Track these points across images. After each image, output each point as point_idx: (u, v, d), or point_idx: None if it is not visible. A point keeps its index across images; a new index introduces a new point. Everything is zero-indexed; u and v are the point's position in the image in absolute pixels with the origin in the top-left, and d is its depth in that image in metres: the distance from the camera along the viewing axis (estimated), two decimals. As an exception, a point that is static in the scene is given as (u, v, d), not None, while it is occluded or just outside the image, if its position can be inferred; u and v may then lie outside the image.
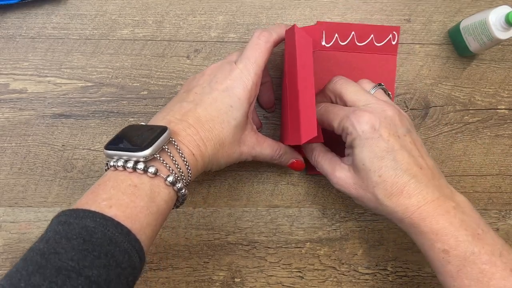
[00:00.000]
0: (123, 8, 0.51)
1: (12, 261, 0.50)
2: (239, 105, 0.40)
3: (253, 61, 0.41)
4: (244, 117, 0.41)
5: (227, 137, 0.40)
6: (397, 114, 0.40)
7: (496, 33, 0.45)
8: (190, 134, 0.38)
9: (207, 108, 0.40)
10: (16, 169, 0.50)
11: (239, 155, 0.42)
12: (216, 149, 0.40)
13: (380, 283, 0.52)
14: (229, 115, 0.40)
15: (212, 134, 0.39)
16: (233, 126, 0.40)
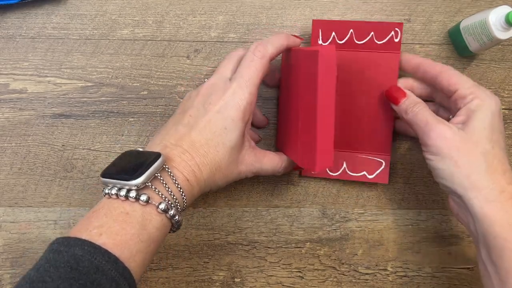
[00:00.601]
0: (123, 8, 0.51)
1: (12, 261, 0.50)
2: (233, 126, 0.40)
3: (247, 79, 0.40)
4: (239, 138, 0.41)
5: (223, 159, 0.40)
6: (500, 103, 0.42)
7: (496, 33, 0.45)
8: (185, 160, 0.38)
9: (201, 132, 0.39)
10: (16, 169, 0.50)
11: (237, 175, 0.42)
12: (212, 173, 0.40)
13: (380, 283, 0.52)
14: (224, 137, 0.40)
15: (207, 159, 0.39)
16: (228, 148, 0.40)
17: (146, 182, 0.35)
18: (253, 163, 0.43)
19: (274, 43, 0.42)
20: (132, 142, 0.51)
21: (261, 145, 0.52)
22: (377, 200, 0.52)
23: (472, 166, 0.39)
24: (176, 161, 0.38)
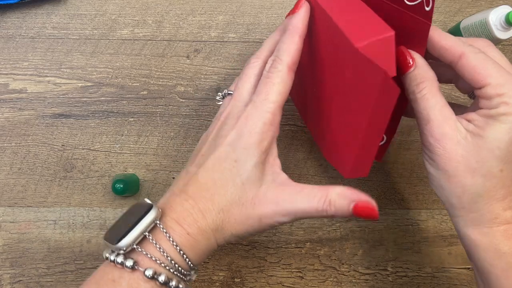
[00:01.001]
0: (123, 8, 0.51)
1: (12, 261, 0.50)
2: (246, 155, 0.32)
3: (263, 97, 0.33)
4: (254, 170, 0.32)
5: (233, 200, 0.32)
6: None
7: (497, 33, 0.45)
8: (187, 209, 0.32)
9: (209, 171, 0.33)
10: (16, 169, 0.50)
11: (258, 220, 0.32)
12: (220, 220, 0.32)
13: (380, 283, 0.52)
14: (234, 172, 0.32)
15: (212, 203, 0.32)
16: (239, 184, 0.32)
17: (133, 245, 0.31)
18: (279, 202, 0.32)
19: (288, 51, 0.34)
20: (132, 142, 0.51)
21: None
22: (377, 200, 0.52)
23: (466, 188, 0.32)
24: (177, 211, 0.32)
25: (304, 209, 0.32)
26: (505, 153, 0.30)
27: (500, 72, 0.30)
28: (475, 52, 0.31)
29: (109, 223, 0.50)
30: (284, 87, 0.33)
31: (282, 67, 0.33)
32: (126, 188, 0.46)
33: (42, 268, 0.50)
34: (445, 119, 0.32)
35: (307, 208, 0.32)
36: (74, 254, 0.50)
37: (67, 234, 0.50)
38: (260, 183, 0.33)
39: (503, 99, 0.30)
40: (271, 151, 0.34)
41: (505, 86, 0.30)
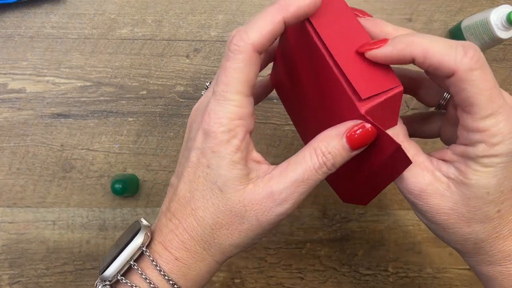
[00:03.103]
0: (122, 7, 0.51)
1: (11, 261, 0.50)
2: (216, 159, 0.27)
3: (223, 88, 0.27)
4: (231, 172, 0.27)
5: (216, 211, 0.28)
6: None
7: (498, 32, 0.45)
8: (172, 230, 0.29)
9: (186, 182, 0.29)
10: (15, 169, 0.50)
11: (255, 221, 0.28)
12: (208, 235, 0.28)
13: (381, 284, 0.51)
14: (209, 179, 0.28)
15: (196, 219, 0.28)
16: (217, 192, 0.28)
17: (117, 275, 0.28)
18: (273, 191, 0.27)
19: (259, 27, 0.26)
20: (131, 142, 0.50)
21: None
22: (378, 201, 0.52)
23: (465, 236, 0.28)
24: (163, 233, 0.29)
25: (300, 178, 0.27)
26: (497, 195, 0.26)
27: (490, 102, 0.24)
28: (470, 69, 0.24)
29: (108, 223, 0.50)
30: (248, 73, 0.26)
31: (245, 46, 0.26)
32: (125, 188, 0.46)
33: (41, 269, 0.50)
34: (420, 171, 0.28)
35: (304, 175, 0.27)
36: (73, 254, 0.50)
37: (66, 235, 0.50)
38: (244, 183, 0.28)
39: (483, 137, 0.25)
40: (247, 147, 0.28)
41: (488, 120, 0.24)
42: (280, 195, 0.27)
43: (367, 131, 0.26)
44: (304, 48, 0.30)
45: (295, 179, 0.27)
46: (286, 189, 0.27)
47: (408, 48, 0.25)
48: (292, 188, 0.27)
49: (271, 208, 0.27)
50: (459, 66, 0.23)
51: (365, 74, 0.26)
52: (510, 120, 0.24)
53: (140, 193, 0.50)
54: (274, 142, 0.51)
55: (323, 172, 0.27)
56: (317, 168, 0.27)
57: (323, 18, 0.28)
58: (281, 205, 0.27)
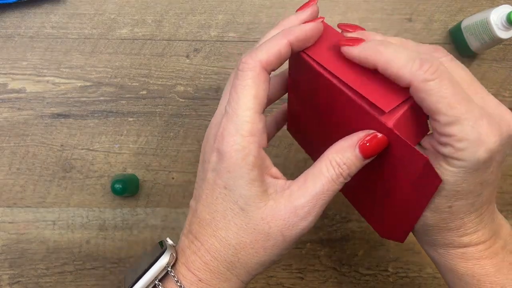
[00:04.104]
0: (122, 7, 0.51)
1: (11, 261, 0.50)
2: (233, 179, 0.28)
3: (234, 105, 0.28)
4: (250, 190, 0.28)
5: (239, 230, 0.28)
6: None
7: (498, 32, 0.45)
8: (194, 252, 0.29)
9: (205, 204, 0.29)
10: (15, 169, 0.50)
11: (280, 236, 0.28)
12: (232, 256, 0.28)
13: (381, 284, 0.51)
14: (228, 200, 0.28)
15: (218, 240, 0.29)
16: (239, 212, 0.28)
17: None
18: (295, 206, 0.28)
19: (266, 48, 0.28)
20: (131, 142, 0.50)
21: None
22: (378, 201, 0.52)
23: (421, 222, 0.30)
24: (186, 254, 0.29)
25: (321, 191, 0.28)
26: (453, 193, 0.27)
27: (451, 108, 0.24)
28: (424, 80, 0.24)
29: (108, 223, 0.50)
30: (257, 90, 0.27)
31: (254, 63, 0.27)
32: (125, 188, 0.46)
33: (41, 269, 0.50)
34: None
35: (323, 187, 0.28)
36: (73, 254, 0.50)
37: (66, 235, 0.50)
38: (264, 200, 0.28)
39: (450, 141, 0.25)
40: (263, 162, 0.28)
41: (453, 127, 0.25)
42: (303, 209, 0.27)
43: (378, 139, 0.27)
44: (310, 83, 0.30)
45: (315, 192, 0.28)
46: (308, 202, 0.27)
47: (373, 56, 0.26)
48: (314, 201, 0.28)
49: (295, 223, 0.28)
50: (413, 79, 0.25)
51: (378, 89, 0.26)
52: (477, 126, 0.24)
53: (140, 193, 0.50)
54: (274, 142, 0.51)
55: (340, 182, 0.28)
56: (335, 179, 0.28)
57: (316, 46, 0.29)
58: (305, 219, 0.28)
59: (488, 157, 0.25)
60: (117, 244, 0.50)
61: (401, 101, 0.26)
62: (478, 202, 0.28)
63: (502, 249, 0.30)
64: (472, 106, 0.25)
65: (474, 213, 0.28)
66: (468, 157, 0.25)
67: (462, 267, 0.30)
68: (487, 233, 0.29)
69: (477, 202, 0.28)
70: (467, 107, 0.24)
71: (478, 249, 0.29)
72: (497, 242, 0.30)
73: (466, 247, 0.29)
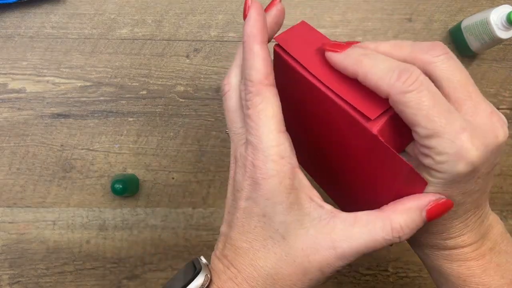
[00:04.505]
0: (122, 7, 0.51)
1: (11, 261, 0.50)
2: (271, 206, 0.27)
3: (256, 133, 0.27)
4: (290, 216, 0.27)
5: (279, 260, 0.27)
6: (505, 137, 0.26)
7: (498, 32, 0.45)
8: (231, 278, 0.28)
9: (240, 232, 0.29)
10: (15, 169, 0.50)
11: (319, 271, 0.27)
12: (269, 285, 0.28)
13: (381, 284, 0.51)
14: (267, 228, 0.27)
15: (256, 269, 0.28)
16: (280, 240, 0.27)
17: None
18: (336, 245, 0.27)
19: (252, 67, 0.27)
20: (131, 142, 0.50)
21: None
22: (378, 201, 0.52)
23: None
24: (222, 279, 0.29)
25: (367, 245, 0.27)
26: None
27: (429, 122, 0.24)
28: (402, 92, 0.24)
29: (108, 223, 0.50)
30: (272, 108, 0.27)
31: (256, 88, 0.27)
32: (125, 188, 0.46)
33: (41, 269, 0.50)
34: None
35: (372, 243, 0.27)
36: (73, 254, 0.50)
37: (66, 235, 0.50)
38: (305, 226, 0.27)
39: (429, 152, 0.25)
40: (299, 183, 0.28)
41: (432, 140, 0.24)
42: (342, 253, 0.27)
43: (446, 204, 0.26)
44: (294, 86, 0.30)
45: (359, 244, 0.27)
46: (349, 249, 0.27)
47: (354, 65, 0.25)
48: (356, 250, 0.27)
49: (334, 262, 0.27)
50: (390, 91, 0.24)
51: (363, 96, 0.26)
52: (457, 140, 0.24)
53: (140, 193, 0.50)
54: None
55: (391, 242, 0.27)
56: (387, 241, 0.27)
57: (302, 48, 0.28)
58: (344, 260, 0.27)
59: (469, 170, 0.24)
60: (117, 244, 0.50)
61: (386, 108, 0.26)
62: (461, 210, 0.27)
63: (490, 251, 0.30)
64: (452, 118, 0.24)
65: (457, 219, 0.28)
66: (447, 170, 0.24)
67: (447, 267, 0.30)
68: (473, 236, 0.29)
69: (460, 210, 0.27)
70: (447, 120, 0.24)
71: (464, 251, 0.29)
72: (485, 244, 0.29)
73: (451, 249, 0.29)
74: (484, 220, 0.29)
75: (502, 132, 0.25)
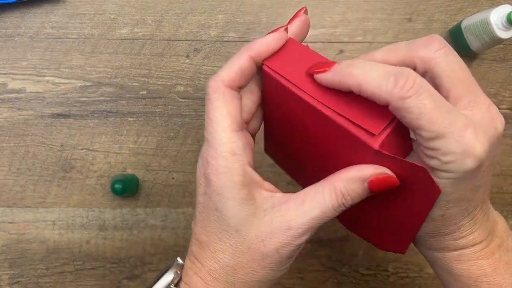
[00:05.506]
0: (122, 7, 0.51)
1: (11, 262, 0.50)
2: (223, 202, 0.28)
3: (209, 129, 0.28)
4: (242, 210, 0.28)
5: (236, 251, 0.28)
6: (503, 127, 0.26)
7: (498, 32, 0.45)
8: (196, 272, 0.30)
9: (201, 227, 0.30)
10: (15, 169, 0.50)
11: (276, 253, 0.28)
12: (231, 276, 0.29)
13: (381, 284, 0.51)
14: (221, 222, 0.28)
15: (216, 261, 0.29)
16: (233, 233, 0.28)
17: None
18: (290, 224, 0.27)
19: (227, 67, 0.29)
20: (131, 142, 0.50)
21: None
22: (378, 201, 0.52)
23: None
24: (189, 274, 0.30)
25: (319, 216, 0.27)
26: (444, 203, 0.27)
27: (432, 124, 0.24)
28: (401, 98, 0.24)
29: (108, 223, 0.50)
30: (227, 107, 0.28)
31: (217, 84, 0.28)
32: (125, 189, 0.46)
33: (41, 269, 0.50)
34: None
35: (322, 213, 0.27)
36: (73, 254, 0.50)
37: (66, 235, 0.50)
38: (259, 217, 0.28)
39: (435, 154, 0.24)
40: (251, 179, 0.28)
41: (437, 141, 0.24)
42: (297, 230, 0.27)
43: (390, 179, 0.26)
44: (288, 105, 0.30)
45: (312, 216, 0.27)
46: (303, 224, 0.27)
47: (344, 79, 0.25)
48: (310, 224, 0.27)
49: (290, 241, 0.28)
50: (389, 98, 0.24)
51: (361, 110, 0.26)
52: (462, 138, 0.24)
53: (140, 193, 0.50)
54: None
55: (340, 210, 0.28)
56: (336, 208, 0.27)
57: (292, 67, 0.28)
58: (299, 237, 0.28)
59: (477, 166, 0.24)
60: (117, 244, 0.50)
61: (388, 120, 0.25)
62: (471, 207, 0.28)
63: (498, 248, 0.30)
64: (455, 117, 0.24)
65: (467, 217, 0.28)
66: (455, 169, 0.24)
67: (458, 268, 0.30)
68: (482, 233, 0.29)
69: (470, 207, 0.28)
70: (449, 120, 0.24)
71: (475, 250, 0.29)
72: (493, 241, 0.30)
73: (462, 249, 0.29)
74: (489, 215, 0.30)
75: (500, 123, 0.26)
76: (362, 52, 0.51)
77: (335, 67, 0.26)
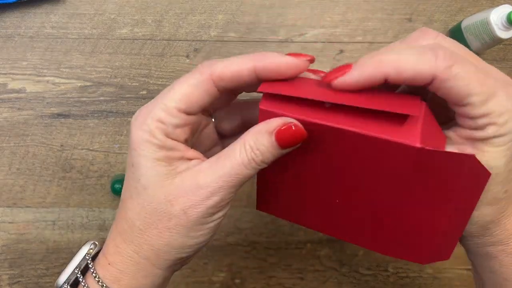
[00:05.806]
0: (122, 7, 0.51)
1: (11, 262, 0.49)
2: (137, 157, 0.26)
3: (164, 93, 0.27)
4: (154, 169, 0.26)
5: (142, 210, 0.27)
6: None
7: (498, 32, 0.45)
8: (110, 238, 0.28)
9: (124, 184, 0.29)
10: (15, 169, 0.50)
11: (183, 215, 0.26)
12: (140, 238, 0.27)
13: (381, 284, 0.51)
14: (133, 178, 0.27)
15: (126, 221, 0.27)
16: (141, 191, 0.27)
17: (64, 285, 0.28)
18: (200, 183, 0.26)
19: (228, 62, 0.27)
20: (131, 142, 0.50)
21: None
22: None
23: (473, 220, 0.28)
24: (106, 241, 0.29)
25: (229, 172, 0.26)
26: (506, 175, 0.26)
27: (482, 86, 0.23)
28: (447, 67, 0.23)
29: (108, 223, 0.50)
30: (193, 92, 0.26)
31: (204, 69, 0.27)
32: (125, 189, 0.46)
33: (41, 269, 0.50)
34: None
35: (232, 169, 0.26)
36: (73, 254, 0.49)
37: (66, 235, 0.50)
38: (170, 178, 0.26)
39: (490, 119, 0.24)
40: (173, 147, 0.27)
41: (490, 103, 0.23)
42: (206, 189, 0.26)
43: (296, 129, 0.25)
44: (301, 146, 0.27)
45: (223, 173, 0.26)
46: (212, 182, 0.26)
47: (378, 68, 0.24)
48: (220, 183, 0.26)
49: (198, 201, 0.26)
50: (436, 70, 0.23)
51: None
52: (509, 94, 0.24)
53: (140, 193, 0.50)
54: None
55: (252, 168, 0.26)
56: (246, 164, 0.26)
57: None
58: (209, 198, 0.26)
59: None
60: (117, 244, 0.50)
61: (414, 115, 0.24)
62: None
63: None
64: (493, 77, 0.24)
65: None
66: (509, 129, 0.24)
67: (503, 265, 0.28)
68: None
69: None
70: (492, 80, 0.23)
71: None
72: None
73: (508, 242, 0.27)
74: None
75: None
76: (362, 52, 0.51)
77: (357, 62, 0.24)
